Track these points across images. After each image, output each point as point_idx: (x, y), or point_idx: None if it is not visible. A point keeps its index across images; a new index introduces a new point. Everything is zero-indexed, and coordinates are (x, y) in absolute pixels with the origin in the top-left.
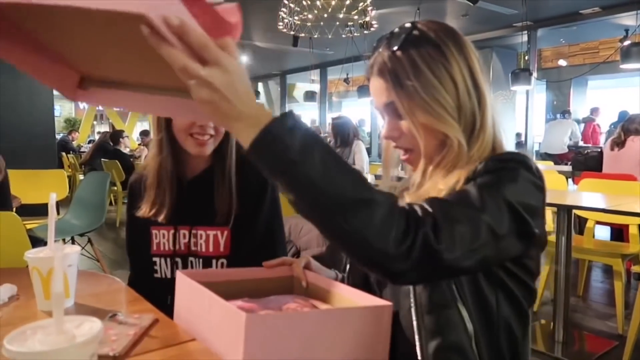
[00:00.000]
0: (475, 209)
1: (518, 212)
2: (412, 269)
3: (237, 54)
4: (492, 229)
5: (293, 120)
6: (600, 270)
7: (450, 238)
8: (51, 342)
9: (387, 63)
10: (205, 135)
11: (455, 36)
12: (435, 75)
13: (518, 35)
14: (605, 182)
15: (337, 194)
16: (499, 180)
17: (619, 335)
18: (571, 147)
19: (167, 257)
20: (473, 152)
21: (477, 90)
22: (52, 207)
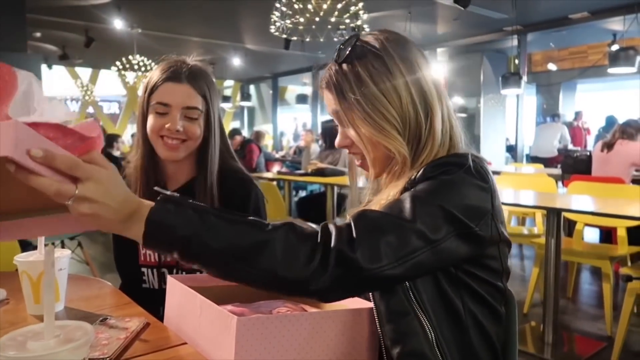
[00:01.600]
0: (403, 218)
1: (454, 216)
2: (333, 285)
3: (105, 162)
4: (424, 236)
5: (171, 201)
6: (589, 272)
7: (372, 248)
8: (42, 347)
9: (333, 76)
10: (174, 140)
11: (401, 45)
12: (379, 87)
13: (508, 40)
14: (594, 185)
15: (233, 249)
16: (434, 186)
17: (607, 337)
18: (561, 150)
19: (153, 268)
20: (422, 159)
21: (424, 98)
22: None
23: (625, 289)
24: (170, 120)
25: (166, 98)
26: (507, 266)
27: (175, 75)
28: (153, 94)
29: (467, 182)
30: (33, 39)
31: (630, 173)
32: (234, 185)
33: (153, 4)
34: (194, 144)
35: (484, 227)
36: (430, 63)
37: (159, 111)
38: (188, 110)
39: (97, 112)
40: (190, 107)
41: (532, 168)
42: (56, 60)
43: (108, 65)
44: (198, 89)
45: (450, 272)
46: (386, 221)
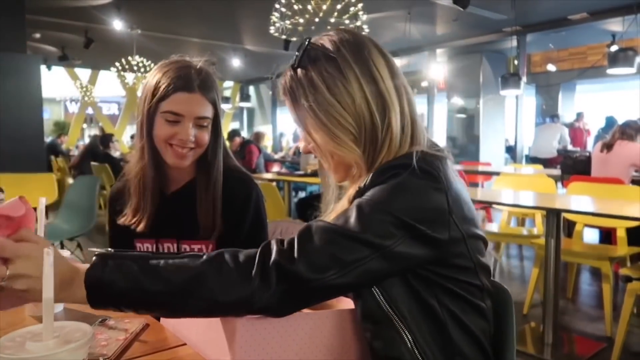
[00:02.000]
0: (349, 228)
1: (403, 221)
2: (281, 299)
3: (35, 237)
4: (370, 243)
5: (103, 259)
6: (588, 272)
7: (315, 259)
8: (42, 347)
9: (287, 82)
10: (184, 149)
11: (356, 45)
12: (332, 92)
13: (507, 40)
14: (594, 186)
15: (172, 287)
16: (381, 192)
17: (607, 337)
18: (560, 151)
19: None
20: (380, 161)
21: (380, 98)
22: (41, 211)
23: (625, 289)
24: (182, 130)
25: (179, 108)
26: (483, 262)
27: (187, 85)
28: (163, 102)
29: (416, 185)
30: (32, 39)
31: (629, 174)
32: (235, 184)
33: (153, 4)
34: (201, 151)
35: (439, 228)
36: (390, 59)
37: (169, 119)
38: (199, 120)
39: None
40: (201, 117)
41: (531, 169)
42: (56, 61)
43: (107, 66)
44: (209, 97)
45: (419, 274)
46: (331, 232)
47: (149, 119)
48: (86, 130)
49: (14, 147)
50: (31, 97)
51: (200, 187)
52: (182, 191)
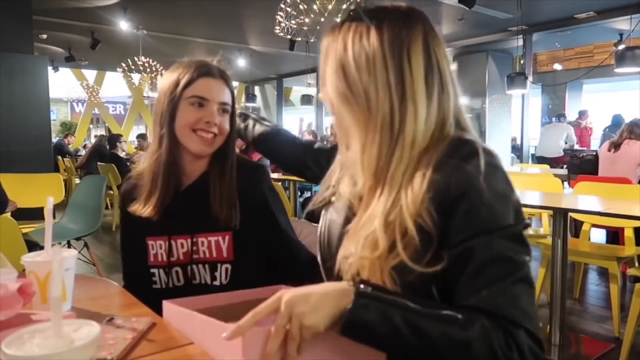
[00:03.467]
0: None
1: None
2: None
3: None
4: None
5: (364, 299)
6: (596, 273)
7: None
8: (49, 345)
9: (325, 47)
10: (209, 134)
11: (401, 36)
12: (358, 65)
13: (513, 40)
14: (601, 185)
15: (432, 345)
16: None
17: (615, 338)
18: (567, 151)
19: (164, 268)
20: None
21: (402, 101)
22: (49, 211)
23: (633, 289)
24: (208, 113)
25: (204, 92)
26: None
27: (210, 71)
28: (188, 88)
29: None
30: (39, 40)
31: (637, 173)
32: (249, 175)
33: (159, 5)
34: (222, 140)
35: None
36: (436, 48)
37: (195, 104)
38: (222, 106)
39: (102, 113)
40: (224, 102)
41: (537, 168)
42: (62, 62)
43: (114, 66)
44: (229, 85)
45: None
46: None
47: (171, 108)
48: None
49: (21, 147)
50: (38, 97)
51: (215, 178)
52: (195, 185)
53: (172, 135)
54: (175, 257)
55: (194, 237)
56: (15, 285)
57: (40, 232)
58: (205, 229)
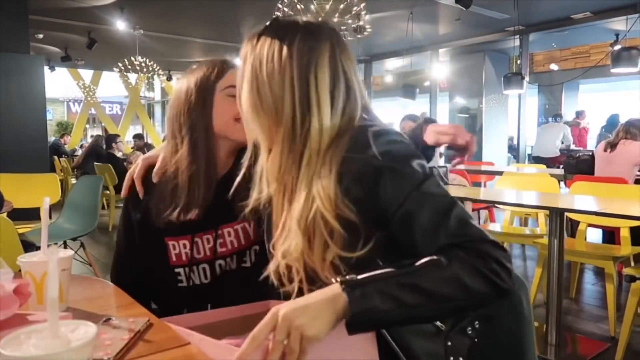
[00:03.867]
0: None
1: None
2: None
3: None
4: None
5: (353, 289)
6: (592, 272)
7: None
8: (46, 346)
9: (246, 50)
10: None
11: (312, 39)
12: (269, 76)
13: (510, 40)
14: (597, 185)
15: (433, 294)
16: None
17: (611, 337)
18: (563, 151)
19: (191, 265)
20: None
21: (309, 102)
22: (45, 211)
23: (629, 289)
24: None
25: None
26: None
27: (235, 64)
28: (220, 80)
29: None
30: (35, 40)
31: (633, 173)
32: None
33: (155, 5)
34: None
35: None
36: (343, 61)
37: (233, 94)
38: None
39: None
40: None
41: (534, 168)
42: (58, 62)
43: (110, 66)
44: None
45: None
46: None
47: (205, 103)
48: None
49: (17, 147)
50: (34, 97)
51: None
52: (226, 177)
53: (208, 130)
54: (203, 254)
55: (219, 230)
56: (11, 286)
57: (37, 233)
58: (229, 220)
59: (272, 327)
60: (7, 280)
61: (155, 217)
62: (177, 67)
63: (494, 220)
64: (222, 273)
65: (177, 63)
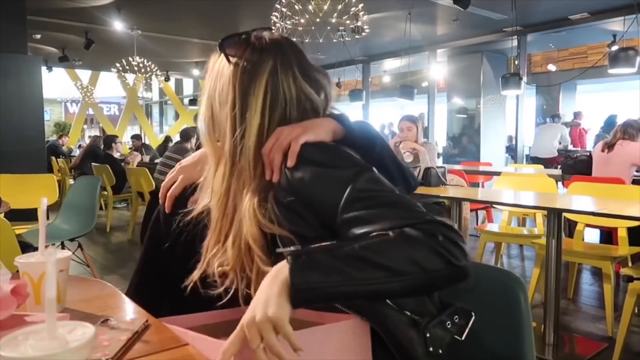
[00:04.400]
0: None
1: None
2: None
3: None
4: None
5: (296, 259)
6: (589, 272)
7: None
8: (44, 347)
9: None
10: None
11: (259, 57)
12: (219, 95)
13: (508, 40)
14: (595, 186)
15: (389, 267)
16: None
17: (608, 337)
18: (561, 151)
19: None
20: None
21: (242, 120)
22: (43, 212)
23: (627, 289)
24: None
25: None
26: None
27: None
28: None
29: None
30: (33, 40)
31: (631, 173)
32: None
33: (153, 5)
34: None
35: None
36: (294, 74)
37: None
38: None
39: (97, 114)
40: None
41: (532, 169)
42: (56, 62)
43: (108, 66)
44: None
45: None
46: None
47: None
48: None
49: (14, 147)
50: (32, 98)
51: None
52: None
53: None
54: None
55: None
56: (8, 287)
57: (34, 233)
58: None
59: (242, 339)
60: (5, 281)
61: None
62: (175, 68)
63: (492, 221)
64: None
65: (175, 64)
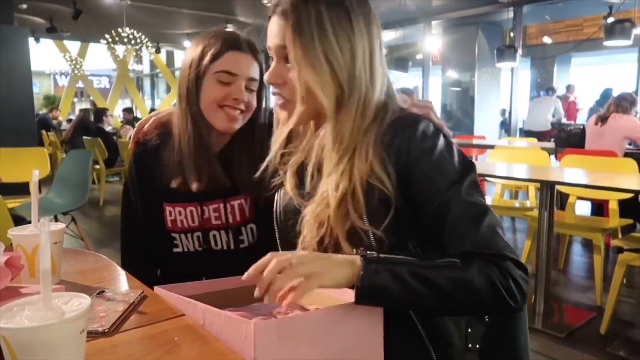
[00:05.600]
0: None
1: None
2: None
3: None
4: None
5: (371, 264)
6: (580, 244)
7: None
8: (39, 317)
9: (294, 7)
10: (237, 110)
11: (367, 10)
12: (338, 40)
13: (504, 12)
14: (587, 159)
15: (441, 290)
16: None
17: (597, 307)
18: (554, 125)
19: (187, 233)
20: (362, 123)
21: (372, 69)
22: (35, 184)
23: (616, 260)
24: (236, 89)
25: (233, 67)
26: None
27: (239, 44)
28: (216, 62)
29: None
30: (19, 11)
31: (623, 146)
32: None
33: None
34: (249, 115)
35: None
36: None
37: (223, 80)
38: (250, 82)
39: (87, 87)
40: (252, 78)
41: (525, 142)
42: (43, 33)
43: (97, 38)
44: (258, 60)
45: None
46: (487, 219)
47: (197, 83)
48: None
49: (3, 121)
50: (20, 70)
51: (240, 155)
52: (224, 153)
53: (198, 110)
54: (199, 222)
55: (216, 203)
56: (2, 259)
57: (27, 207)
58: (230, 194)
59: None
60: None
61: (156, 182)
62: (166, 39)
63: (485, 193)
64: (216, 246)
65: (166, 35)
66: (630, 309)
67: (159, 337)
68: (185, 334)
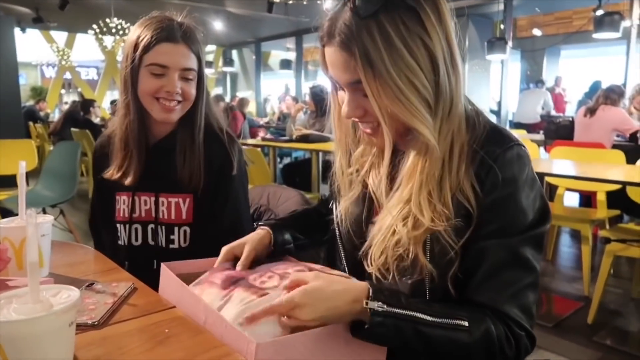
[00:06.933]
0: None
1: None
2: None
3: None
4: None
5: (380, 317)
6: (568, 235)
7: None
8: (27, 310)
9: (355, 34)
10: (172, 102)
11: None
12: (412, 53)
13: (494, 4)
14: (576, 150)
15: (435, 350)
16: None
17: (584, 297)
18: (544, 117)
19: (125, 224)
20: (448, 134)
21: (454, 68)
22: (22, 175)
23: (604, 251)
24: (169, 82)
25: (163, 59)
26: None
27: (171, 35)
28: (147, 54)
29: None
30: (4, 0)
31: (611, 138)
32: (216, 145)
33: None
34: (189, 105)
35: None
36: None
37: (155, 72)
38: (185, 72)
39: (74, 78)
40: (187, 68)
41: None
42: (30, 23)
43: (85, 28)
44: (193, 48)
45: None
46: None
47: (132, 74)
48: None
49: None
50: (5, 60)
51: (182, 143)
52: (163, 144)
53: (137, 102)
54: (137, 214)
55: (158, 196)
56: None
57: (14, 200)
58: (168, 190)
59: (289, 309)
60: None
61: (106, 172)
62: None
63: None
64: (152, 246)
65: None
66: (616, 299)
67: (149, 329)
68: (176, 325)
